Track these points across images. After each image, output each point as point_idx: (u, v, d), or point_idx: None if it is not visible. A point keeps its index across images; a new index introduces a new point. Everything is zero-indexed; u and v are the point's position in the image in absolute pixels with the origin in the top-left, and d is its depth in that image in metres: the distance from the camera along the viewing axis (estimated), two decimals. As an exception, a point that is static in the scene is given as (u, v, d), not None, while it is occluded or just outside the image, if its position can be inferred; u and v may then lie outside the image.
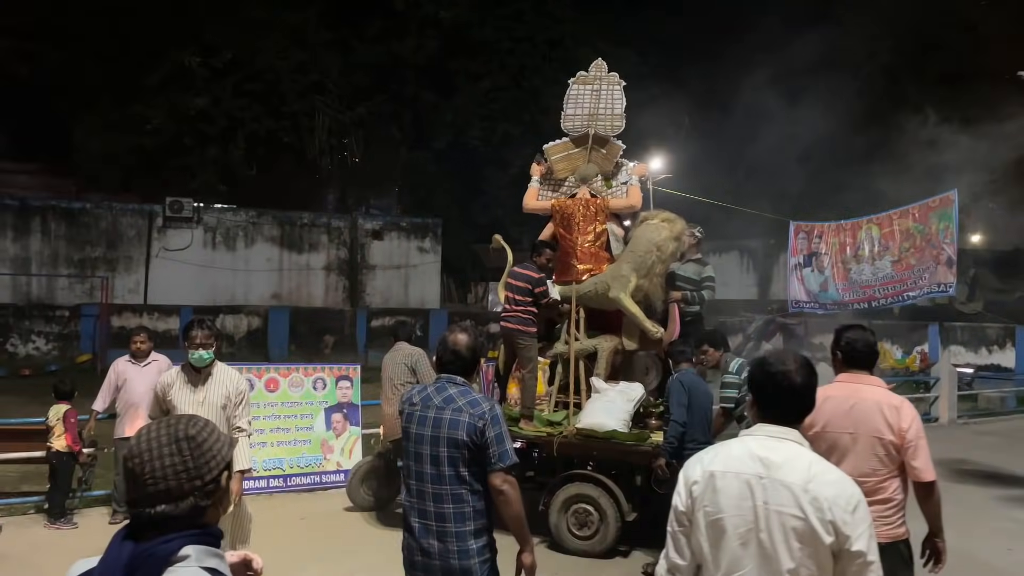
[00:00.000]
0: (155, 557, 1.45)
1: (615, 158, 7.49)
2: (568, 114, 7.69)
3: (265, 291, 23.83)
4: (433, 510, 3.08)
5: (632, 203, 7.30)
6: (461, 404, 3.11)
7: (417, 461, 3.13)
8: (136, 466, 1.53)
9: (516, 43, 26.38)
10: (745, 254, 30.54)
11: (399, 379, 6.74)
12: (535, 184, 7.75)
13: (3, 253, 20.98)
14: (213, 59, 23.50)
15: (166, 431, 1.57)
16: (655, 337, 6.85)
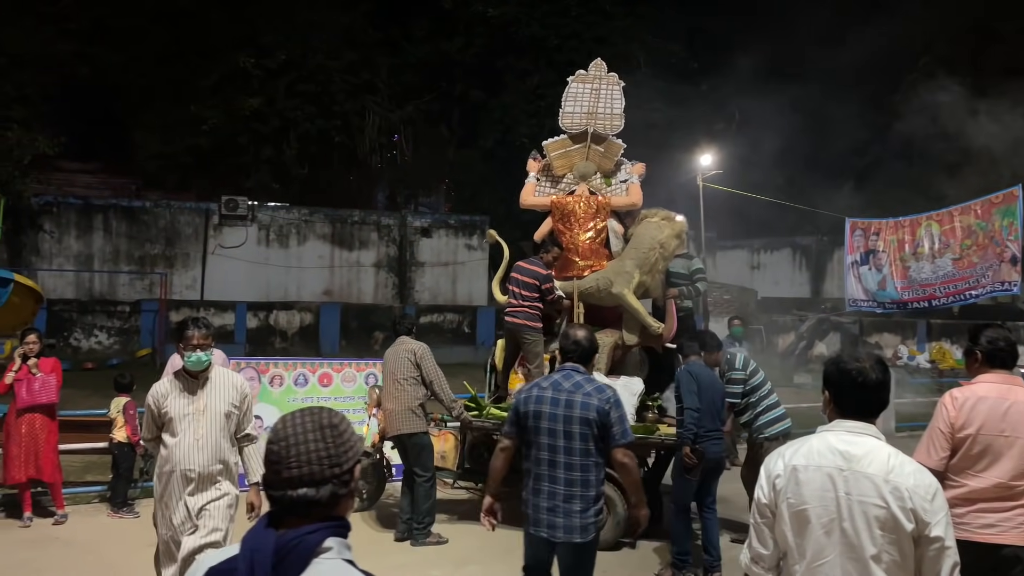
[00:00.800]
0: (302, 547, 1.48)
1: (615, 157, 7.66)
2: (567, 111, 7.77)
3: (317, 288, 24.22)
4: (564, 476, 3.69)
5: (634, 201, 7.53)
6: (589, 389, 3.74)
7: (550, 436, 3.72)
8: (281, 449, 1.59)
9: (564, 40, 26.27)
10: (798, 251, 29.97)
11: (402, 374, 6.49)
12: (532, 180, 7.86)
13: (67, 250, 21.73)
14: (267, 60, 23.95)
15: (310, 418, 1.63)
16: (656, 333, 7.02)
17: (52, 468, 6.80)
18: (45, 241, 21.49)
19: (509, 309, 6.89)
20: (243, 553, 1.51)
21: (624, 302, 6.97)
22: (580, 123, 7.71)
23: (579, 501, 3.67)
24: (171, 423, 4.15)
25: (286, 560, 1.47)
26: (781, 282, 29.60)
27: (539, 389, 3.84)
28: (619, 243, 7.47)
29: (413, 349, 6.58)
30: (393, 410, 6.45)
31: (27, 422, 6.65)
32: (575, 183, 7.66)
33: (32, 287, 9.30)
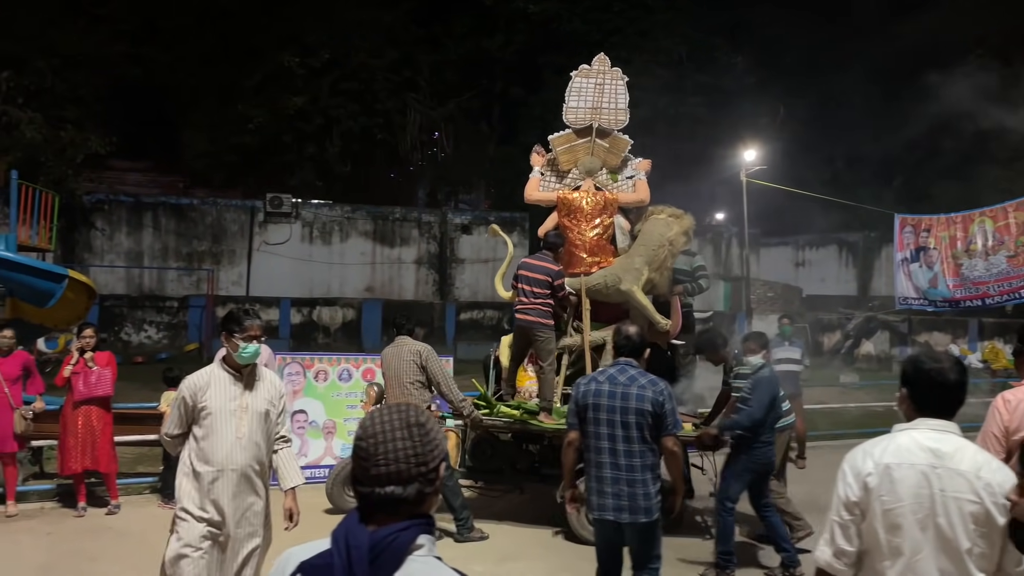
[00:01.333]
0: (396, 544, 1.51)
1: (622, 153, 7.62)
2: (570, 106, 7.71)
3: (359, 284, 24.48)
4: (624, 463, 4.05)
5: (642, 198, 7.50)
6: (644, 382, 4.09)
7: (609, 426, 4.09)
8: (370, 446, 1.60)
9: (606, 35, 26.09)
10: (844, 248, 29.40)
11: (409, 377, 6.21)
12: (536, 174, 7.76)
13: (118, 247, 22.30)
14: (311, 59, 24.26)
15: (397, 416, 1.64)
16: (663, 329, 7.03)
17: (107, 459, 6.99)
18: (97, 238, 22.09)
19: (520, 307, 6.72)
20: (337, 548, 1.52)
21: (633, 299, 6.99)
22: (584, 118, 7.66)
23: (640, 485, 4.04)
24: (208, 418, 3.81)
25: (381, 556, 1.49)
26: (827, 279, 29.07)
27: (596, 383, 4.18)
28: (625, 239, 7.45)
29: (418, 351, 6.29)
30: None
31: (83, 414, 6.83)
32: (581, 178, 7.61)
33: (86, 283, 9.55)
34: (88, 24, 21.63)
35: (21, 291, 9.11)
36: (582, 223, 7.30)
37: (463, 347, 20.97)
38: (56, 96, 20.74)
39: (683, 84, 26.81)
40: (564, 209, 7.41)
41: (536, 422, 6.56)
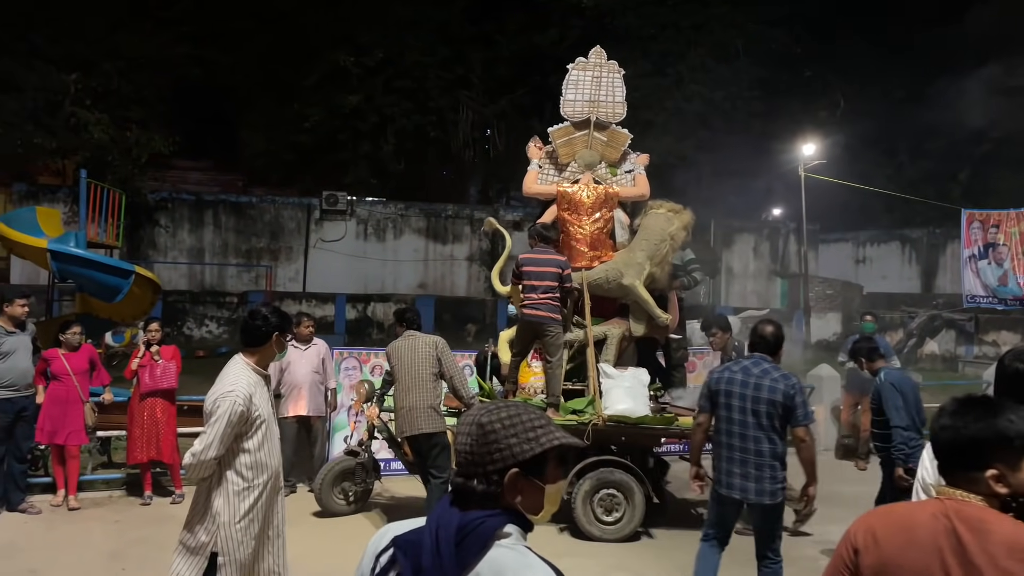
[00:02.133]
0: (482, 528, 1.55)
1: (621, 147, 7.58)
2: (568, 99, 7.65)
3: (412, 280, 24.73)
4: (753, 447, 4.40)
5: (643, 192, 7.50)
6: (776, 376, 4.43)
7: (741, 413, 4.44)
8: (458, 435, 1.69)
9: (660, 29, 25.81)
10: (907, 245, 28.51)
11: (426, 371, 6.05)
12: (535, 167, 7.69)
13: (181, 244, 22.96)
14: (366, 58, 24.55)
15: (476, 413, 1.70)
16: (663, 324, 7.05)
17: (170, 450, 7.21)
18: (160, 235, 22.76)
19: (529, 302, 6.56)
20: (429, 527, 1.57)
21: (635, 293, 6.97)
22: (582, 111, 7.60)
23: (768, 469, 4.39)
24: (263, 426, 3.66)
25: (467, 539, 1.53)
26: (889, 277, 28.24)
27: (730, 372, 4.60)
28: (625, 234, 7.41)
29: (434, 342, 6.15)
30: (411, 408, 6.01)
31: (149, 406, 7.06)
32: (580, 171, 7.55)
33: (151, 278, 9.86)
34: (153, 27, 22.28)
35: (90, 287, 9.45)
36: (582, 217, 7.26)
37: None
38: (122, 97, 21.42)
39: (739, 78, 26.32)
40: (564, 202, 7.36)
41: None
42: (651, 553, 6.22)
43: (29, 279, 19.32)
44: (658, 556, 6.16)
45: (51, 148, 20.16)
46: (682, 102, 26.12)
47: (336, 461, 6.97)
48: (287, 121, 24.54)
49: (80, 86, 20.33)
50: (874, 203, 26.59)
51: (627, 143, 7.63)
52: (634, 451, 6.64)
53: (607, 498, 6.35)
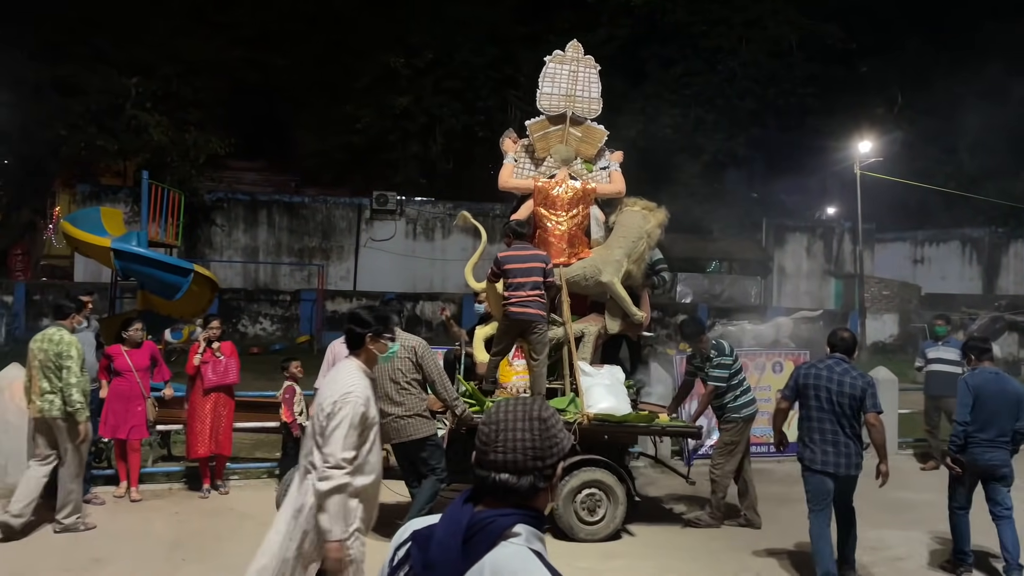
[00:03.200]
0: (492, 526, 1.56)
1: (597, 143, 7.45)
2: (544, 92, 7.44)
3: (460, 279, 24.63)
4: (841, 431, 5.37)
5: (620, 189, 7.33)
6: (855, 375, 5.42)
7: (828, 403, 5.39)
8: (491, 432, 1.65)
9: (711, 26, 25.48)
10: (968, 244, 27.65)
11: (405, 376, 5.73)
12: (510, 161, 7.44)
13: (236, 243, 23.50)
14: (416, 59, 24.80)
15: (523, 408, 1.68)
16: (639, 322, 7.01)
17: (229, 444, 7.43)
18: (217, 235, 23.33)
19: (516, 300, 6.30)
20: (442, 522, 1.59)
21: (613, 291, 6.91)
22: (558, 105, 7.40)
23: (853, 446, 5.39)
24: (373, 427, 3.70)
25: (476, 536, 1.54)
26: (948, 277, 27.43)
27: (816, 369, 5.54)
28: (600, 231, 7.29)
29: (412, 347, 5.76)
30: (398, 416, 5.70)
31: (212, 401, 7.25)
32: (556, 167, 7.36)
33: (209, 277, 10.10)
34: (210, 31, 22.85)
35: (151, 284, 9.73)
36: (560, 212, 7.08)
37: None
38: (181, 100, 22.01)
39: (792, 73, 25.85)
40: (541, 197, 7.13)
41: None
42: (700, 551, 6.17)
43: (92, 277, 19.99)
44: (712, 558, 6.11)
45: (113, 150, 20.82)
46: (734, 99, 25.76)
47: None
48: (339, 122, 24.92)
49: (141, 89, 20.96)
50: (933, 201, 25.84)
51: (603, 140, 7.50)
52: (612, 449, 6.54)
53: (588, 498, 6.28)
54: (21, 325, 19.73)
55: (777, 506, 7.23)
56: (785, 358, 9.68)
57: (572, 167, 7.37)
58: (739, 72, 25.71)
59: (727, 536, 6.65)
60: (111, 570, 5.49)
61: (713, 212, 26.39)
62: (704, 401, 6.81)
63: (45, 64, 20.93)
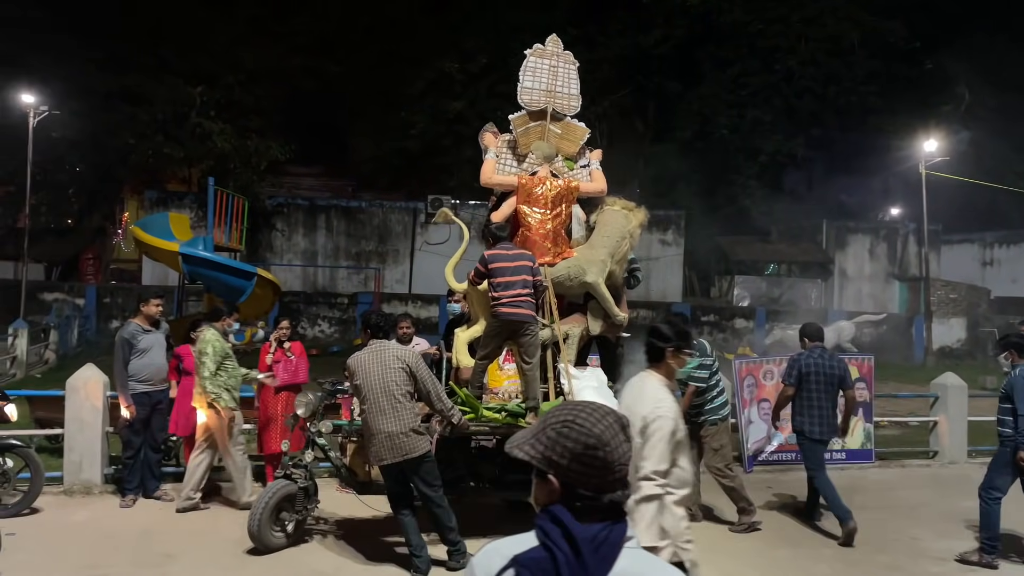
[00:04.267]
0: (613, 536, 1.57)
1: (578, 140, 7.23)
2: (525, 87, 7.17)
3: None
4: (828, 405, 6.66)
5: (602, 187, 7.12)
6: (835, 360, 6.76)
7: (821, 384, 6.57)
8: (607, 455, 1.58)
9: (768, 24, 25.07)
10: (1041, 246, 26.62)
11: (399, 388, 5.38)
12: (491, 156, 7.11)
13: (295, 247, 24.01)
14: (470, 64, 24.99)
15: (613, 418, 1.63)
16: (621, 323, 6.82)
17: (300, 441, 7.57)
18: (277, 239, 23.88)
19: (507, 301, 6.05)
20: (554, 541, 1.55)
21: (597, 291, 6.69)
22: (539, 100, 7.15)
23: (834, 418, 6.55)
24: (683, 442, 3.83)
25: (601, 548, 1.55)
26: (1020, 280, 26.42)
27: (812, 358, 6.61)
28: (581, 230, 7.04)
29: (402, 357, 5.44)
30: (392, 433, 5.34)
31: (283, 399, 7.42)
32: (538, 163, 7.10)
33: (272, 280, 10.35)
34: (270, 41, 23.45)
35: (217, 287, 10.01)
36: (544, 210, 6.82)
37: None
38: (243, 108, 22.63)
39: (853, 72, 25.25)
40: (524, 195, 6.84)
41: (526, 423, 6.03)
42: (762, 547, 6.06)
43: (159, 280, 20.65)
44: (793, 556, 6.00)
45: (179, 157, 21.52)
46: (792, 98, 25.29)
47: (276, 487, 5.87)
48: (394, 127, 25.27)
49: (205, 98, 21.62)
50: (1003, 201, 24.93)
51: (584, 137, 7.26)
52: None
53: None
54: (92, 327, 20.52)
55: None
56: (848, 363, 9.43)
57: (554, 164, 7.15)
58: (797, 71, 25.23)
59: (788, 542, 6.53)
60: (181, 565, 5.64)
61: (771, 214, 25.94)
62: (686, 401, 6.64)
63: (114, 75, 21.77)
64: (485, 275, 6.22)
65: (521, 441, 1.64)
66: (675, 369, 3.73)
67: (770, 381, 8.84)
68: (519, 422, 6.08)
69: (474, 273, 6.31)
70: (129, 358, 6.96)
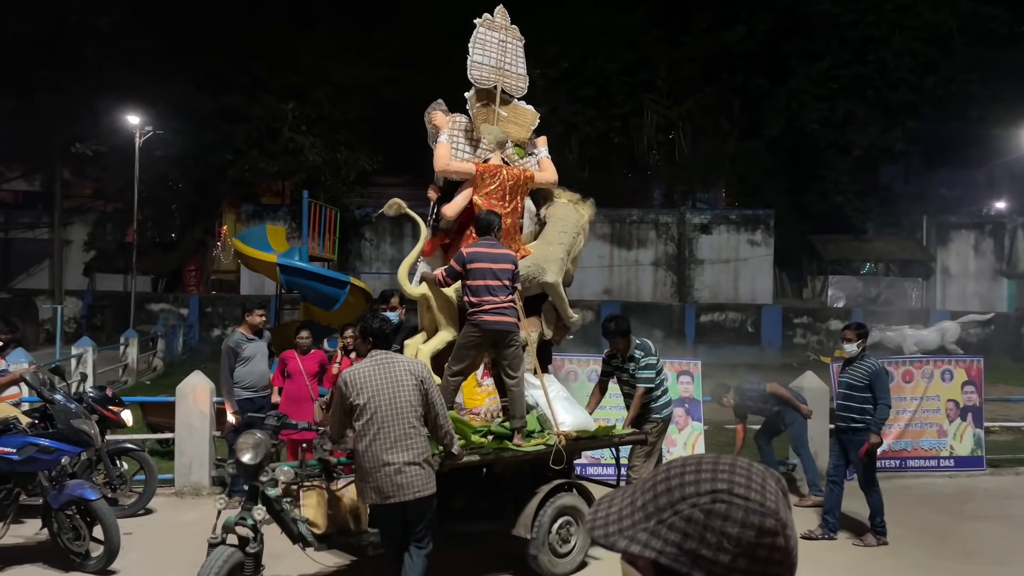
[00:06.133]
0: None
1: (529, 126, 6.53)
2: (475, 61, 6.33)
3: (597, 286, 24.83)
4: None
5: (555, 178, 6.38)
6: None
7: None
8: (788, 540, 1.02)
9: (859, 15, 24.17)
10: None
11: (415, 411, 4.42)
12: (445, 140, 6.18)
13: (383, 255, 24.61)
14: (551, 69, 25.04)
15: (773, 481, 1.05)
16: (572, 325, 6.32)
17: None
18: (366, 248, 24.53)
19: (491, 306, 5.23)
20: None
21: (555, 292, 6.05)
22: (488, 77, 6.33)
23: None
24: None
25: None
26: None
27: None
28: (531, 224, 6.42)
29: (416, 372, 4.51)
30: (402, 465, 4.34)
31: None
32: (490, 149, 6.23)
33: (363, 288, 10.64)
34: (356, 55, 24.11)
35: (312, 296, 10.36)
36: (502, 203, 5.99)
37: (704, 350, 20.47)
38: (332, 122, 23.36)
39: (952, 61, 24.07)
40: (482, 185, 5.98)
41: (513, 447, 5.32)
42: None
43: (256, 289, 21.53)
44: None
45: (273, 171, 22.40)
46: (886, 90, 24.30)
47: (221, 558, 4.51)
48: (477, 134, 25.57)
49: (296, 113, 22.43)
50: None
51: (535, 122, 6.57)
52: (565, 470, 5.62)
53: (564, 527, 5.54)
54: (195, 335, 21.54)
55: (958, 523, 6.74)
56: (956, 365, 8.99)
57: (505, 151, 6.33)
58: (892, 62, 24.22)
59: (891, 554, 6.26)
60: (285, 565, 5.84)
61: (867, 210, 24.99)
62: (636, 404, 6.22)
63: (211, 95, 22.84)
64: (460, 276, 5.34)
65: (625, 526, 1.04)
66: None
67: (871, 385, 8.51)
68: (505, 445, 5.36)
69: (446, 273, 5.40)
70: (234, 366, 7.29)
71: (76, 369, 11.38)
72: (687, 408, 8.62)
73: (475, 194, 5.96)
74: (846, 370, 6.43)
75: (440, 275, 5.45)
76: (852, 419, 6.25)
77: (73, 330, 21.00)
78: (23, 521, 5.92)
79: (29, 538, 5.80)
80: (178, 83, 22.55)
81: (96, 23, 20.80)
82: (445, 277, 5.41)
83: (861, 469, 6.30)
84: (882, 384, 6.26)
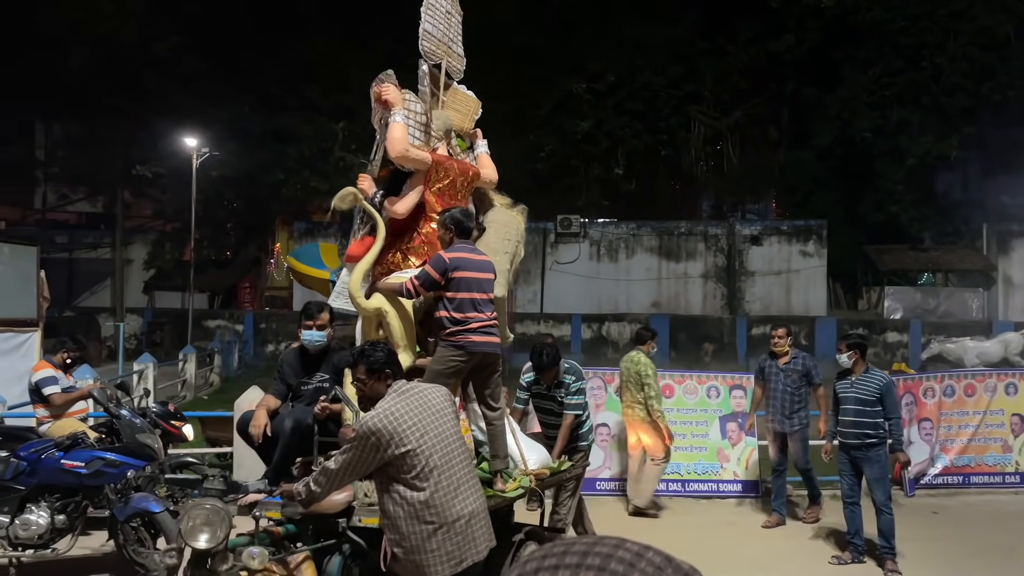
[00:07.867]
0: None
1: (473, 116, 5.63)
2: (426, 30, 5.28)
3: (646, 299, 24.68)
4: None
5: (495, 177, 5.51)
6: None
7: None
8: None
9: (912, 20, 23.70)
10: None
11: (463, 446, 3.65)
12: (402, 120, 4.88)
13: (431, 270, 24.85)
14: (597, 83, 25.12)
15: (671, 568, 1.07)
16: (508, 343, 5.17)
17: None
18: (413, 263, 24.80)
19: (478, 326, 4.36)
20: None
21: (500, 307, 4.93)
22: (437, 52, 5.35)
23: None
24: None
25: None
26: None
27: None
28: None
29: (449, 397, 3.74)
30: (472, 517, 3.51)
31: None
32: (439, 137, 5.25)
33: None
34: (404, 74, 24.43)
35: (363, 312, 10.53)
36: (454, 201, 5.00)
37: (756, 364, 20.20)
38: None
39: (1010, 66, 23.42)
40: (436, 179, 4.97)
41: (494, 493, 4.38)
42: None
43: (307, 306, 21.91)
44: None
45: (324, 190, 22.83)
46: (942, 97, 23.75)
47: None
48: (523, 150, 25.70)
49: (346, 133, 22.87)
50: None
51: (479, 112, 5.69)
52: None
53: None
54: (250, 350, 22.03)
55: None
56: (1020, 379, 8.70)
57: (449, 142, 5.39)
58: (946, 68, 23.66)
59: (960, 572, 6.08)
60: None
61: (923, 219, 24.39)
62: (565, 433, 5.81)
63: (265, 116, 23.45)
64: (437, 286, 4.32)
65: None
66: None
67: (931, 399, 8.31)
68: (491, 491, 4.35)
69: (420, 282, 4.28)
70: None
71: (139, 385, 11.74)
72: (740, 423, 8.52)
73: (427, 189, 4.95)
74: (852, 384, 6.15)
75: (409, 284, 4.29)
76: (867, 434, 6.02)
77: (134, 347, 21.65)
78: (90, 533, 6.11)
79: (96, 549, 5.99)
80: (233, 105, 23.22)
81: (154, 49, 21.59)
82: (418, 286, 4.28)
83: (881, 488, 6.04)
84: (893, 398, 6.13)
